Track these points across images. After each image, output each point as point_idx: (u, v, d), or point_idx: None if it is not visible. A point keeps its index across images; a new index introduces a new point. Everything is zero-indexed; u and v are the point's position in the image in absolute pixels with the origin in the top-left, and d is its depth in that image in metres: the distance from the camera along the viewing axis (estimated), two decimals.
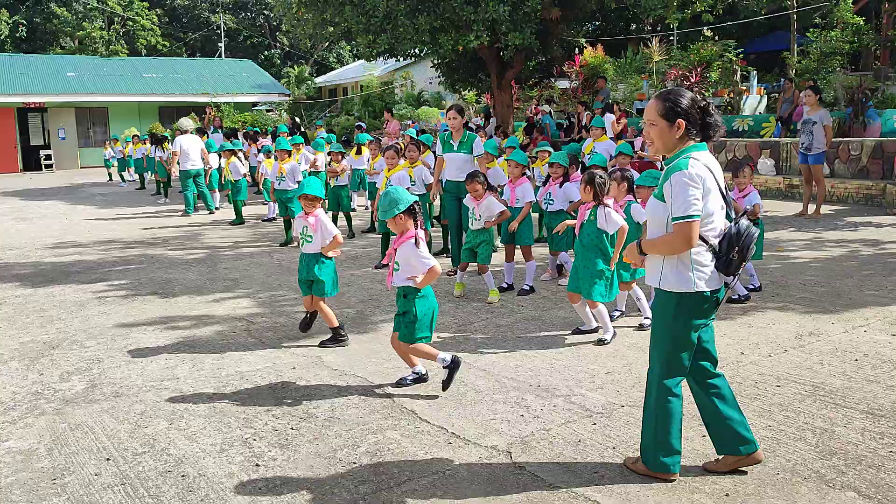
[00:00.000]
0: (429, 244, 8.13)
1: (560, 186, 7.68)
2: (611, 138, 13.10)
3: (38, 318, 6.89)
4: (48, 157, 30.63)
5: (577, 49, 21.80)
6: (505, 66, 19.49)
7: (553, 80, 22.96)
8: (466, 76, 22.10)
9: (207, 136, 17.30)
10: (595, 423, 4.19)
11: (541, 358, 5.35)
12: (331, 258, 5.81)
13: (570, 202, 7.59)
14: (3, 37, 46.28)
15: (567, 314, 6.41)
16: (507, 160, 7.93)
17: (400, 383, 4.86)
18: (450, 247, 8.49)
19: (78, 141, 31.70)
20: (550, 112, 21.39)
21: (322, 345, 5.74)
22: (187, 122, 14.83)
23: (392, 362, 5.31)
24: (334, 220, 11.32)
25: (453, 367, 4.67)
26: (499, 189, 8.83)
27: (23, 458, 3.98)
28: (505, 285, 7.39)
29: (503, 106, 20.26)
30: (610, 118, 15.18)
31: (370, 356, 5.49)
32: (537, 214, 10.15)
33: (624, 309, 6.38)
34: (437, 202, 9.46)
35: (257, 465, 3.82)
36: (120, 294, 7.81)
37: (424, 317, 4.64)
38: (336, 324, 5.78)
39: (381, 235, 8.97)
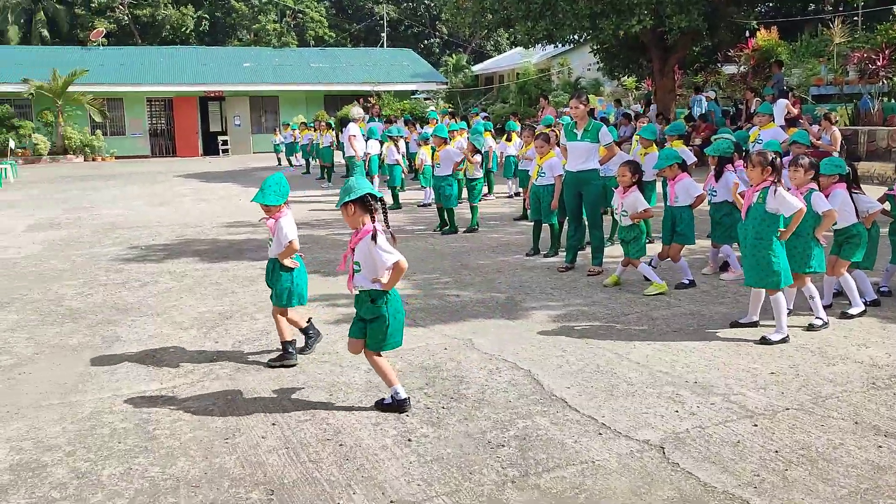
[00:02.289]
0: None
1: (717, 179, 7.32)
2: (780, 126, 12.30)
3: (215, 291, 7.46)
4: (224, 143, 32.98)
5: (747, 32, 20.62)
6: (668, 51, 18.80)
7: (719, 65, 21.87)
8: (626, 62, 21.54)
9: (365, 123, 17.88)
10: (756, 425, 3.98)
11: (698, 353, 5.14)
12: (290, 268, 5.11)
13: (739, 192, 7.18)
14: (188, 31, 50.33)
15: (728, 310, 6.12)
16: (658, 169, 7.54)
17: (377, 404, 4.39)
18: (565, 241, 8.12)
19: (251, 127, 33.91)
20: (716, 98, 20.40)
21: (269, 364, 5.16)
22: (358, 111, 15.42)
23: (541, 349, 5.30)
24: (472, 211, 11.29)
25: (398, 406, 4.25)
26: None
27: (199, 418, 4.33)
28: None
29: (665, 92, 19.57)
30: (781, 104, 14.26)
31: (520, 342, 5.50)
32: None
33: (792, 306, 5.98)
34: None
35: (409, 440, 3.94)
36: None
37: (396, 321, 4.24)
38: (287, 338, 5.16)
39: (532, 223, 8.92)
